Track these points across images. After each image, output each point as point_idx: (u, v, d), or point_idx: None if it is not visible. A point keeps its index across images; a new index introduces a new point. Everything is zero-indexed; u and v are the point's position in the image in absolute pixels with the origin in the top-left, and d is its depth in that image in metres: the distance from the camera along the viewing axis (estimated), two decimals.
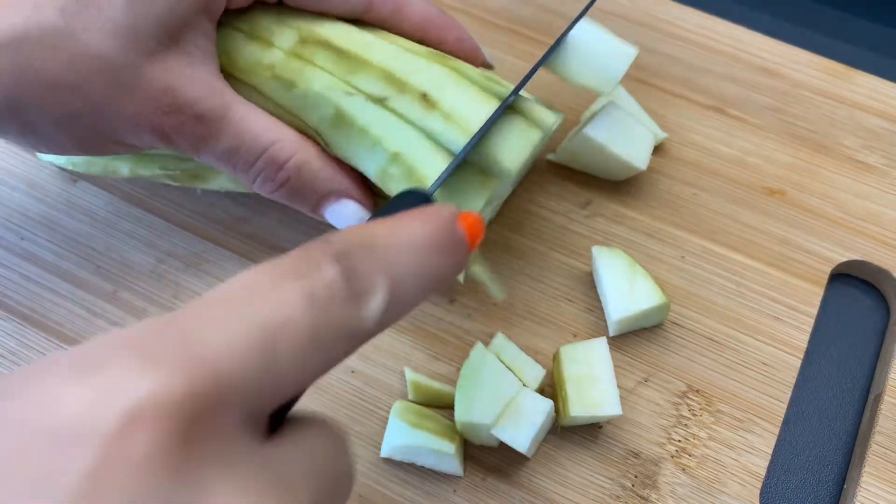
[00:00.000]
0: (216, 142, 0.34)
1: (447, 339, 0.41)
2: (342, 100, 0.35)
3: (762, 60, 0.50)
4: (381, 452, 0.37)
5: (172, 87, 0.33)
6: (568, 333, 0.41)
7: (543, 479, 0.37)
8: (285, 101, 0.36)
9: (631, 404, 0.39)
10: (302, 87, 0.35)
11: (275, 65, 0.36)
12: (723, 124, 0.48)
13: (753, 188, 0.45)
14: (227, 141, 0.34)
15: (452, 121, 0.35)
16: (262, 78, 0.36)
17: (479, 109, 0.36)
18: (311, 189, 0.36)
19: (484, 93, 0.36)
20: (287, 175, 0.35)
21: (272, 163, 0.35)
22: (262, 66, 0.36)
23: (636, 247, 0.43)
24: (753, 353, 0.40)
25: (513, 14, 0.51)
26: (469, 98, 0.36)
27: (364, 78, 0.36)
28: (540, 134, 0.37)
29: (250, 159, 0.35)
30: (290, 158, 0.35)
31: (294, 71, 0.36)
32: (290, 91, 0.36)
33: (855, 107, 0.48)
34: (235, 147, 0.34)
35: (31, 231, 0.43)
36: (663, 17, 0.52)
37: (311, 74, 0.36)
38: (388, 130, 0.35)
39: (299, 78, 0.36)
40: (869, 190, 0.45)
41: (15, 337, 0.40)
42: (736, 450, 0.38)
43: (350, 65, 0.36)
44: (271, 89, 0.36)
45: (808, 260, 0.43)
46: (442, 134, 0.35)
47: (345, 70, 0.36)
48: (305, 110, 0.36)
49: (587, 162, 0.44)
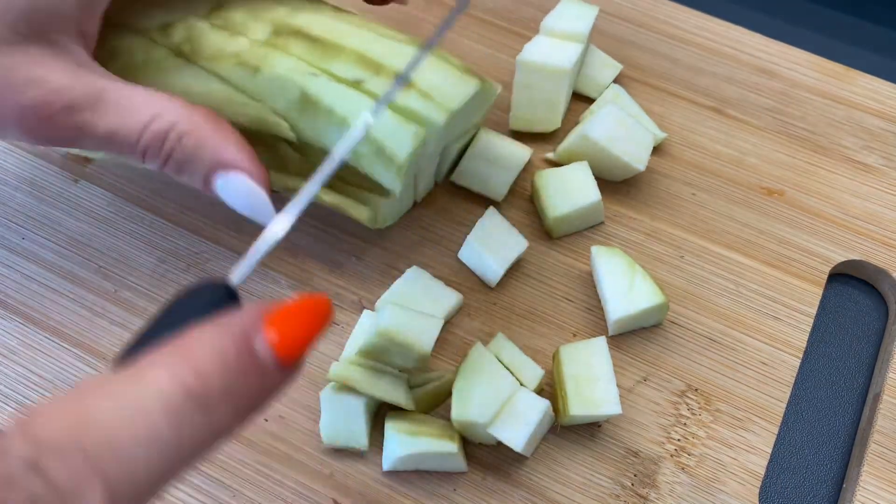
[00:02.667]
0: (93, 128, 0.32)
1: (447, 338, 0.41)
2: (307, 81, 0.35)
3: (761, 61, 0.50)
4: (384, 467, 0.37)
5: (35, 77, 0.31)
6: (568, 333, 0.41)
7: (543, 478, 0.37)
8: (250, 87, 0.36)
9: (630, 403, 0.39)
10: (266, 71, 0.35)
11: (240, 52, 0.36)
12: (722, 125, 0.48)
13: (752, 188, 0.45)
14: (105, 124, 0.32)
15: (430, 98, 0.36)
16: (227, 65, 0.36)
17: (456, 86, 0.37)
18: (198, 160, 0.33)
19: (459, 71, 0.37)
20: (171, 146, 0.33)
21: (155, 136, 0.33)
22: (227, 54, 0.36)
23: (635, 247, 0.44)
24: (752, 352, 0.41)
25: (513, 14, 0.52)
26: (445, 76, 0.37)
27: (339, 64, 0.36)
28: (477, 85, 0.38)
29: (132, 138, 0.33)
30: (172, 128, 0.33)
31: (258, 56, 0.36)
32: (254, 77, 0.35)
33: (853, 107, 0.48)
34: (115, 129, 0.32)
35: (32, 230, 0.43)
36: (663, 18, 0.52)
37: (275, 59, 0.36)
38: (354, 109, 0.35)
39: (264, 63, 0.36)
40: (868, 190, 0.46)
41: (16, 336, 0.40)
42: (735, 449, 0.38)
43: (325, 51, 0.36)
44: (236, 77, 0.36)
45: (806, 260, 0.43)
46: (421, 111, 0.36)
47: (319, 57, 0.36)
48: (271, 95, 0.36)
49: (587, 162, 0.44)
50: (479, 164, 0.44)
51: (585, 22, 0.45)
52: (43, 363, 0.40)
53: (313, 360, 0.40)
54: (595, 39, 0.50)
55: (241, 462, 0.37)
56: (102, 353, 0.40)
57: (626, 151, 0.43)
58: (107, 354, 0.40)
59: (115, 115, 0.32)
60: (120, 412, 0.18)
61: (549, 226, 0.43)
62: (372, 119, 0.30)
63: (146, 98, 0.33)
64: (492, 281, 0.42)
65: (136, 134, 0.33)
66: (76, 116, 0.32)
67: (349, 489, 0.37)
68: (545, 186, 0.43)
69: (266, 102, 0.36)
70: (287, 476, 0.37)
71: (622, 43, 0.51)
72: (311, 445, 0.38)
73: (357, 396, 0.37)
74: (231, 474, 0.37)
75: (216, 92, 0.36)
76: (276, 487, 0.37)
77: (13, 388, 0.39)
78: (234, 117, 0.36)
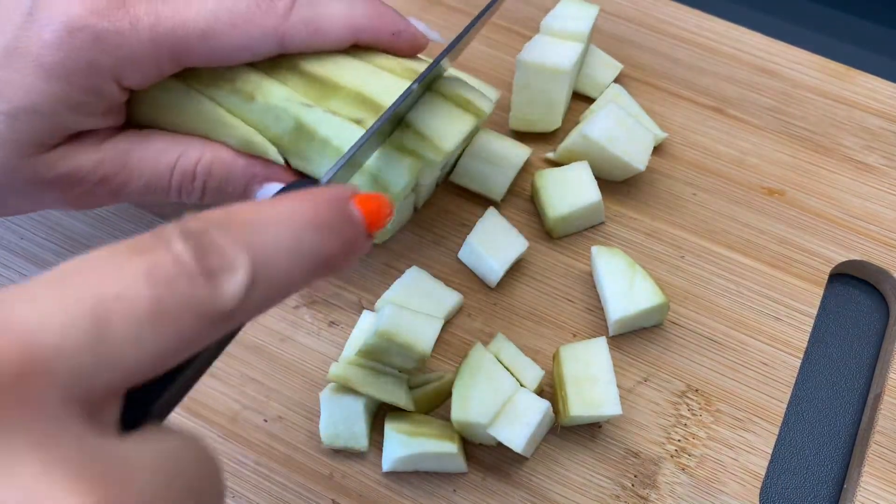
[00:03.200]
0: (129, 187, 0.36)
1: (447, 338, 0.41)
2: (301, 112, 0.36)
3: (762, 61, 0.50)
4: (384, 467, 0.37)
5: (65, 173, 0.34)
6: (568, 333, 0.41)
7: (543, 479, 0.37)
8: (245, 114, 0.36)
9: (630, 404, 0.39)
10: (261, 100, 0.36)
11: (235, 79, 0.36)
12: (722, 124, 0.48)
13: (753, 188, 0.45)
14: (138, 180, 0.36)
15: (426, 140, 0.36)
16: (223, 91, 0.36)
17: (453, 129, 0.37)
18: (231, 183, 0.37)
19: (459, 109, 0.37)
20: (202, 180, 0.36)
21: (184, 175, 0.36)
22: (223, 80, 0.36)
23: (636, 247, 0.43)
24: (753, 352, 0.41)
25: (513, 14, 0.52)
26: (443, 119, 0.37)
27: (336, 102, 0.36)
28: (473, 121, 0.37)
29: (164, 182, 0.36)
30: (198, 163, 0.36)
31: (254, 84, 0.36)
32: (249, 104, 0.36)
33: (854, 107, 0.48)
34: (148, 181, 0.36)
35: (31, 231, 0.43)
36: (663, 18, 0.52)
37: (269, 88, 0.36)
38: (349, 141, 0.35)
39: (258, 91, 0.36)
40: (868, 190, 0.45)
41: None
42: (735, 449, 0.38)
43: (322, 90, 0.36)
44: (231, 103, 0.36)
45: (807, 260, 0.43)
46: (417, 150, 0.36)
47: (316, 96, 0.36)
48: (265, 123, 0.36)
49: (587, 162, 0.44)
50: (477, 163, 0.43)
51: (586, 21, 0.45)
52: None
53: (313, 361, 0.40)
54: (595, 39, 0.50)
55: (241, 463, 0.37)
56: None
57: (627, 151, 0.43)
58: None
59: (144, 169, 0.36)
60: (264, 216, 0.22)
61: (549, 226, 0.43)
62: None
63: (166, 143, 0.36)
64: (492, 281, 0.42)
65: (167, 179, 0.36)
66: (110, 185, 0.35)
67: (349, 489, 0.37)
68: (545, 186, 0.43)
69: (260, 130, 0.36)
70: (287, 476, 0.37)
71: (622, 42, 0.51)
72: (311, 446, 0.38)
73: (357, 397, 0.37)
74: (231, 475, 0.37)
75: (206, 113, 0.36)
76: (276, 488, 0.37)
77: None
78: (223, 138, 0.36)
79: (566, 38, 0.45)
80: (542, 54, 0.44)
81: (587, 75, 0.48)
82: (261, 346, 0.40)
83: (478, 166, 0.44)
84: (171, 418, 0.23)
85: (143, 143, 0.36)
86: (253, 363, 0.40)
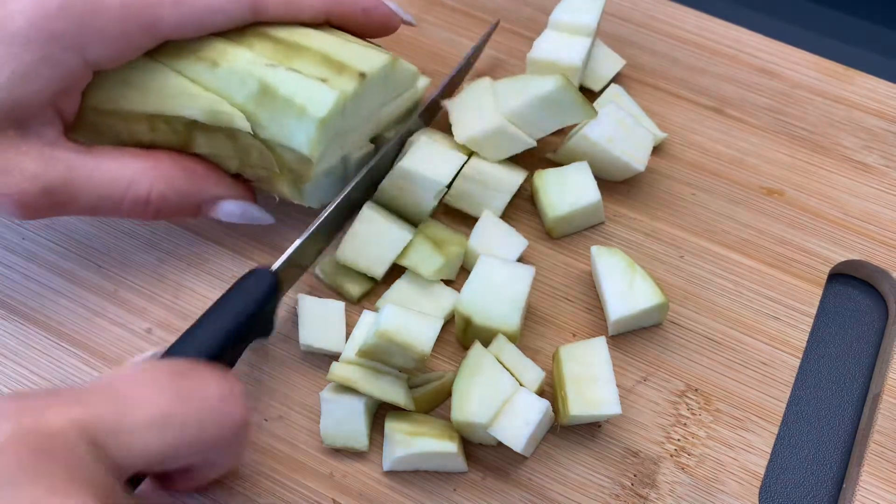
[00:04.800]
0: (75, 204, 0.36)
1: (447, 338, 0.41)
2: (265, 73, 0.36)
3: (761, 61, 0.50)
4: (384, 467, 0.37)
5: (9, 167, 0.34)
6: (567, 333, 0.41)
7: (543, 478, 0.37)
8: (210, 82, 0.36)
9: (630, 403, 0.39)
10: (225, 65, 0.36)
11: (200, 47, 0.36)
12: (722, 125, 0.48)
13: (752, 188, 0.45)
14: (85, 199, 0.36)
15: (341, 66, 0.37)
16: (187, 61, 0.36)
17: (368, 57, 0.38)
18: (183, 207, 0.38)
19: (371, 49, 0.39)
20: (156, 206, 0.37)
21: (136, 202, 0.36)
22: (187, 50, 0.36)
23: (635, 247, 0.44)
24: (752, 352, 0.41)
25: (513, 14, 0.52)
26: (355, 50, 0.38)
27: (302, 62, 0.36)
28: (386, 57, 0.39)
29: (114, 206, 0.36)
30: (151, 191, 0.36)
31: (217, 51, 0.36)
32: (213, 71, 0.36)
33: (853, 107, 0.48)
34: (95, 203, 0.36)
35: (32, 230, 0.43)
36: (663, 18, 0.52)
37: (234, 52, 0.36)
38: (314, 98, 0.36)
39: (222, 57, 0.36)
40: (867, 190, 0.46)
41: (17, 337, 0.40)
42: (735, 449, 0.38)
43: (288, 51, 0.37)
44: (195, 71, 0.36)
45: (806, 260, 0.43)
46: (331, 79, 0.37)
47: (282, 56, 0.36)
48: (230, 89, 0.36)
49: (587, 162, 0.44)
50: (472, 185, 0.42)
51: (593, 14, 0.45)
52: (43, 363, 0.40)
53: (313, 361, 0.40)
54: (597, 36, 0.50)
55: (242, 463, 0.37)
56: (102, 353, 0.40)
57: (626, 151, 0.43)
58: (107, 354, 0.40)
59: (92, 189, 0.35)
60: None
61: (549, 226, 0.43)
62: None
63: (117, 166, 0.36)
64: None
65: (117, 204, 0.36)
66: (54, 198, 0.35)
67: (349, 489, 0.37)
68: (545, 186, 0.43)
69: (223, 95, 0.36)
70: (287, 476, 0.37)
71: (622, 43, 0.51)
72: (311, 445, 0.38)
73: (357, 396, 0.37)
74: (231, 474, 0.37)
75: (171, 87, 0.36)
76: (276, 488, 0.37)
77: (13, 389, 0.39)
78: (187, 110, 0.37)
79: (574, 33, 0.45)
80: (552, 51, 0.44)
81: (590, 68, 0.48)
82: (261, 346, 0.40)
83: (472, 188, 0.43)
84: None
85: (89, 162, 0.36)
86: (253, 363, 0.40)
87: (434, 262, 0.40)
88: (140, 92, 0.37)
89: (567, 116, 0.41)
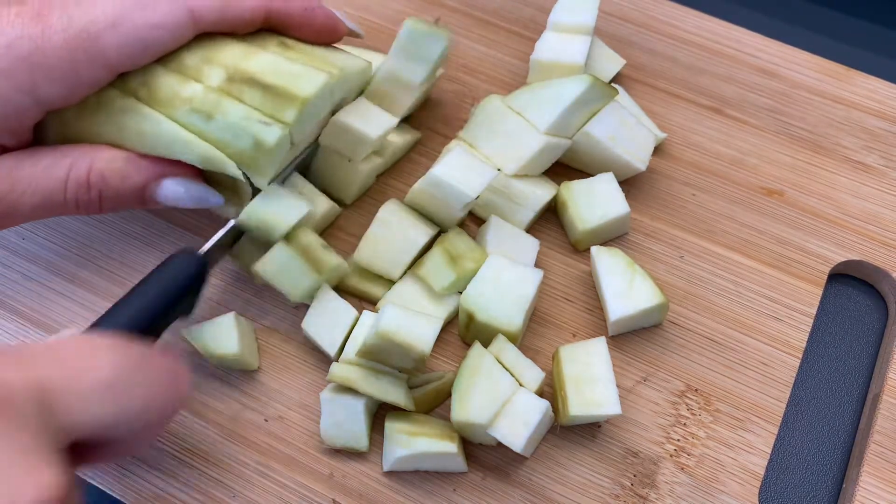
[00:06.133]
0: (22, 207, 0.35)
1: (447, 338, 0.41)
2: (259, 129, 0.36)
3: (761, 61, 0.50)
4: (384, 467, 0.37)
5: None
6: (567, 333, 0.41)
7: (543, 478, 0.37)
8: (205, 132, 0.36)
9: (630, 404, 0.39)
10: (220, 118, 0.36)
11: (193, 98, 0.36)
12: (722, 125, 0.48)
13: (752, 188, 0.45)
14: (31, 198, 0.35)
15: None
16: (182, 111, 0.36)
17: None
18: (128, 187, 0.37)
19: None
20: (97, 189, 0.36)
21: (78, 186, 0.36)
22: (181, 99, 0.36)
23: (635, 247, 0.44)
24: (752, 352, 0.41)
25: (513, 14, 0.52)
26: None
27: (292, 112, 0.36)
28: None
29: (59, 197, 0.36)
30: (91, 171, 0.36)
31: (211, 103, 0.36)
32: (208, 123, 0.36)
33: (853, 107, 0.48)
34: (42, 199, 0.35)
35: (32, 231, 0.43)
36: (663, 19, 0.52)
37: (228, 106, 0.36)
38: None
39: (216, 110, 0.36)
40: (867, 190, 0.46)
41: (17, 337, 0.40)
42: (735, 449, 0.38)
43: (277, 101, 0.36)
44: (190, 121, 0.36)
45: (806, 260, 0.43)
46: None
47: (272, 107, 0.36)
48: (225, 140, 0.36)
49: (587, 162, 0.44)
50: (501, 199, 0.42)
51: (590, 13, 0.46)
52: None
53: (313, 361, 0.40)
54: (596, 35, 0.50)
55: (241, 462, 0.37)
56: None
57: (628, 151, 0.43)
58: None
59: (34, 187, 0.35)
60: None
61: (576, 238, 0.43)
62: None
63: (54, 156, 0.36)
64: None
65: (61, 193, 0.35)
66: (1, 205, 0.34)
67: (349, 489, 0.37)
68: (573, 198, 0.42)
69: (220, 147, 0.36)
70: (287, 476, 0.37)
71: (622, 43, 0.51)
72: (311, 445, 0.38)
73: (357, 397, 0.37)
74: (231, 474, 0.37)
75: (166, 132, 0.36)
76: (276, 488, 0.37)
77: None
78: (184, 156, 0.37)
79: (574, 33, 0.45)
80: (554, 52, 0.44)
81: (590, 68, 0.48)
82: (262, 346, 0.40)
83: (499, 202, 0.42)
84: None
85: (29, 160, 0.35)
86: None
87: (446, 278, 0.40)
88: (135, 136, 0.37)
89: (595, 105, 0.42)
